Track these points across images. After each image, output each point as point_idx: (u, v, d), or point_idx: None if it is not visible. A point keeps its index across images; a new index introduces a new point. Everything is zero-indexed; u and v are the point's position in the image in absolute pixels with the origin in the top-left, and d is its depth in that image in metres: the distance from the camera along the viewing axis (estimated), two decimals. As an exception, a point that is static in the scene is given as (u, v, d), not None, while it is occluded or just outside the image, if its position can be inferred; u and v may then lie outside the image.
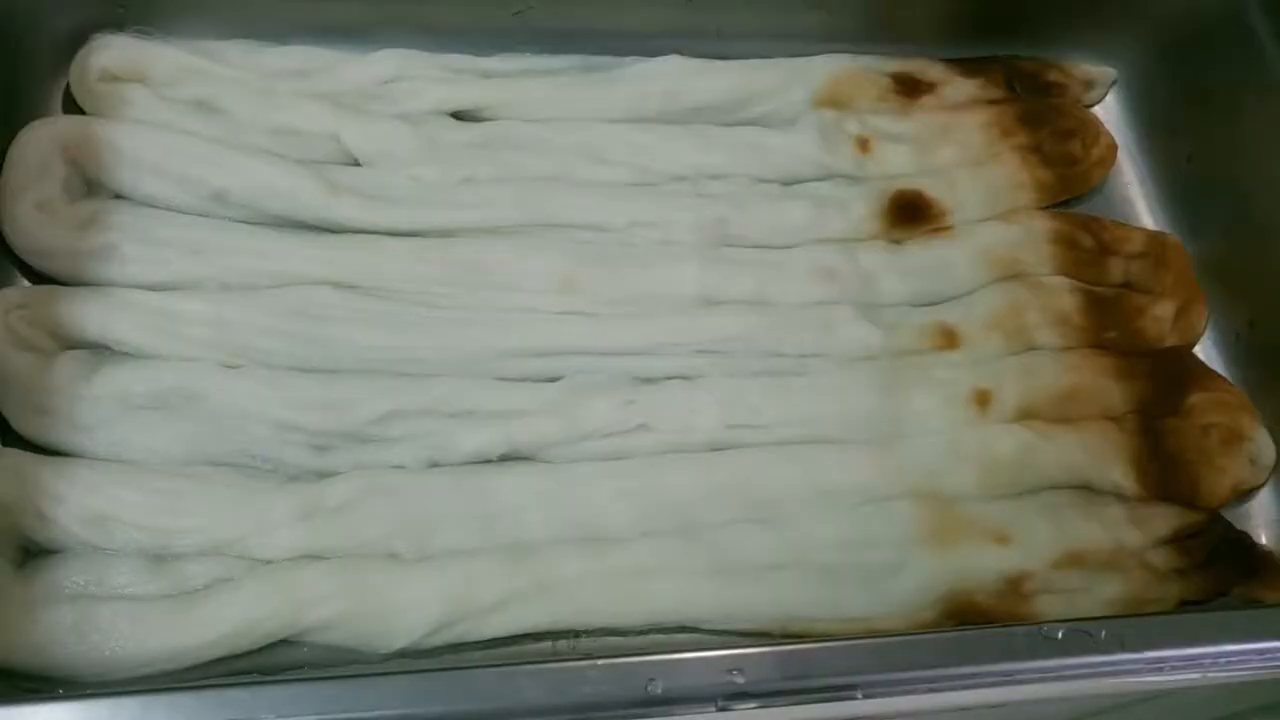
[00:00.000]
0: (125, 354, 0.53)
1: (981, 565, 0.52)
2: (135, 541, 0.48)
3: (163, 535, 0.48)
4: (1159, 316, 0.62)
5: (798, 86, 0.67)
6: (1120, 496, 0.56)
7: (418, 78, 0.62)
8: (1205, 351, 0.64)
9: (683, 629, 0.50)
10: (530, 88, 0.64)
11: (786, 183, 0.64)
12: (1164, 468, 0.56)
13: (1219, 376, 0.61)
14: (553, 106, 0.64)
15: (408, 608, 0.48)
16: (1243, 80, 0.65)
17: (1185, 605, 0.53)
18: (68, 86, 0.60)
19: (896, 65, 0.69)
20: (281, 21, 0.63)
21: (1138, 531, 0.54)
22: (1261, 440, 0.59)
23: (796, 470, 0.54)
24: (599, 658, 0.40)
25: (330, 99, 0.60)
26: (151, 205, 0.57)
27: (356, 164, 0.60)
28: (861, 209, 0.63)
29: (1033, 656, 0.42)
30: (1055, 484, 0.56)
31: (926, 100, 0.68)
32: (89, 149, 0.56)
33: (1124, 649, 0.42)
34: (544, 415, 0.53)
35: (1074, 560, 0.52)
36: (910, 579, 0.51)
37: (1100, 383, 0.59)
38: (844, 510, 0.53)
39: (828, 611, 0.50)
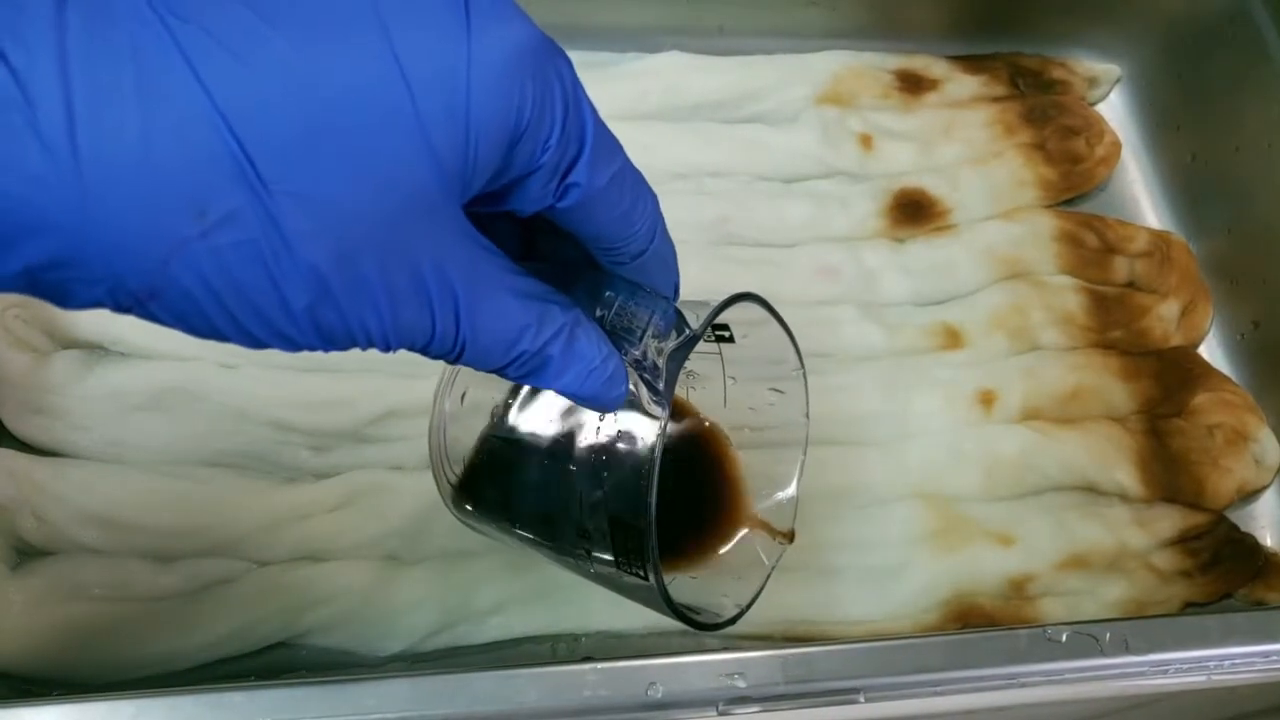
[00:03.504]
0: (122, 353, 0.52)
1: (985, 567, 0.52)
2: (131, 543, 0.48)
3: (159, 536, 0.48)
4: (1164, 316, 0.62)
5: (800, 83, 0.67)
6: (1124, 497, 0.55)
7: (417, 75, 0.62)
8: (1210, 351, 0.64)
9: (683, 631, 0.50)
10: (530, 85, 0.63)
11: (788, 180, 0.64)
12: (1168, 468, 0.56)
13: (1224, 376, 0.60)
14: (552, 104, 0.63)
15: (406, 610, 0.47)
16: (1248, 78, 0.65)
17: (1190, 607, 0.53)
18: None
19: (899, 62, 0.69)
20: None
21: (1142, 533, 0.53)
22: (1266, 441, 0.58)
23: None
24: (599, 661, 0.40)
25: (329, 96, 0.60)
26: (149, 203, 0.56)
27: (355, 162, 0.60)
28: (864, 207, 0.63)
29: (1036, 659, 0.41)
30: (1059, 485, 0.55)
31: (929, 97, 0.68)
32: (86, 146, 0.56)
33: (1128, 651, 0.42)
34: (544, 415, 0.53)
35: (1078, 562, 0.52)
36: (913, 581, 0.51)
37: (1104, 383, 0.58)
38: (846, 511, 0.53)
39: (830, 614, 0.50)
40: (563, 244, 0.31)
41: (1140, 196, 0.70)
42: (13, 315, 0.51)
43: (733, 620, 0.38)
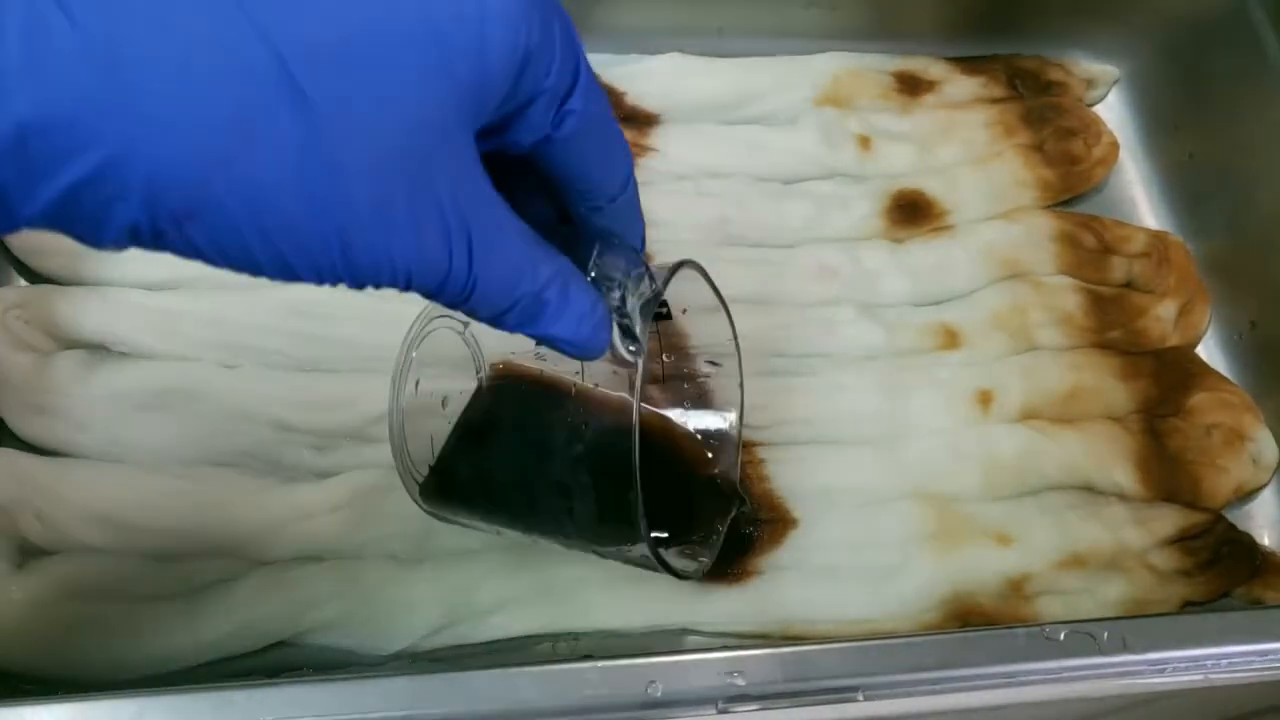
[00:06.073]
0: (123, 353, 0.53)
1: (983, 566, 0.52)
2: (133, 542, 0.48)
3: (161, 536, 0.48)
4: (1161, 316, 0.62)
5: (799, 85, 0.67)
6: (1122, 497, 0.55)
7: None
8: (1208, 351, 0.64)
9: (683, 631, 0.50)
10: (530, 86, 0.64)
11: (787, 181, 0.64)
12: (1166, 468, 0.56)
13: (1221, 376, 0.61)
14: (552, 105, 0.63)
15: (407, 609, 0.48)
16: (1245, 79, 0.65)
17: (1188, 606, 0.53)
18: (66, 85, 0.60)
19: (898, 64, 0.69)
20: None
21: (1140, 532, 0.54)
22: (1264, 440, 0.58)
23: (797, 471, 0.53)
24: (599, 659, 0.40)
25: (329, 97, 0.60)
26: (150, 204, 0.56)
27: (356, 162, 0.60)
28: (863, 208, 0.63)
29: (1035, 658, 0.42)
30: (1057, 484, 0.55)
31: (928, 99, 0.68)
32: (87, 147, 0.56)
33: (1126, 650, 0.42)
34: (544, 415, 0.53)
35: (1076, 561, 0.52)
36: (912, 580, 0.51)
37: (1103, 383, 0.58)
38: (844, 511, 0.53)
39: (829, 613, 0.50)
40: (536, 204, 0.33)
41: (1138, 197, 0.70)
42: (14, 316, 0.51)
43: (699, 573, 0.43)
